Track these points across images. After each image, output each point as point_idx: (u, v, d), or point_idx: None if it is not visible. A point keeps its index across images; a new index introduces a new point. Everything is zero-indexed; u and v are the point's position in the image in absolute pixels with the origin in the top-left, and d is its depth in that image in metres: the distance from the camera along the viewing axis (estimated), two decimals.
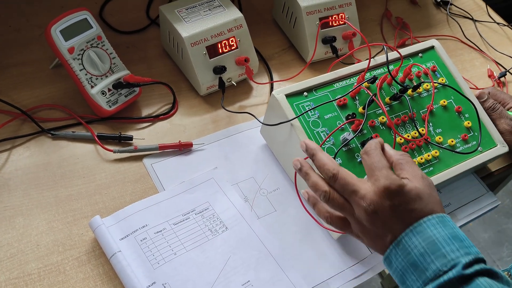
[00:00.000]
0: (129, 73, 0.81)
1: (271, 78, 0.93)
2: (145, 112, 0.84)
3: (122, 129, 0.81)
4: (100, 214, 0.70)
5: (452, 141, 0.75)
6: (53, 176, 0.74)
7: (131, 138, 0.78)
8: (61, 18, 0.76)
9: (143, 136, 0.80)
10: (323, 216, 0.63)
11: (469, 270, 0.51)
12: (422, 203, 0.56)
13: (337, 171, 0.58)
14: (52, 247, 0.67)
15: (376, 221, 0.56)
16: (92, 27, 0.78)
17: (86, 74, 0.78)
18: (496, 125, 0.80)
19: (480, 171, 0.83)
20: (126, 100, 0.81)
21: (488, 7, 1.16)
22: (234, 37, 0.85)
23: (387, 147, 0.62)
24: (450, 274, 0.51)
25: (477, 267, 0.51)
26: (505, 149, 0.77)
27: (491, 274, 0.52)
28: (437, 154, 0.74)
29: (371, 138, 0.70)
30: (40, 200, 0.71)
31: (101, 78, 0.79)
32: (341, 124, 0.71)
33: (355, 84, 0.75)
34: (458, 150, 0.75)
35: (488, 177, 0.84)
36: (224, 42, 0.84)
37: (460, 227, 0.77)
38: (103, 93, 0.78)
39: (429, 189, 0.57)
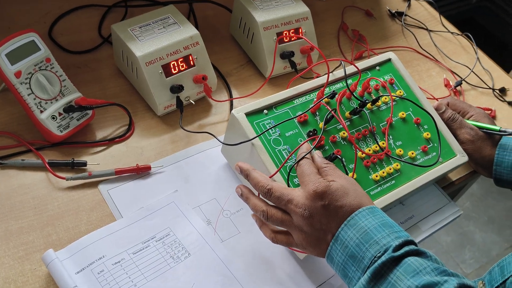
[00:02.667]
0: (81, 96, 0.78)
1: (231, 95, 0.92)
2: (99, 136, 0.81)
3: (75, 154, 0.78)
4: (54, 247, 0.67)
5: (412, 153, 0.76)
6: (2, 208, 0.70)
7: (85, 164, 0.76)
8: (7, 41, 0.73)
9: (98, 161, 0.78)
10: (268, 237, 0.66)
11: (399, 252, 0.55)
12: (349, 197, 0.60)
13: (270, 186, 0.62)
14: (3, 285, 0.63)
15: (314, 224, 0.60)
16: (40, 49, 0.75)
17: (34, 99, 0.74)
18: (456, 135, 0.81)
19: (441, 181, 0.85)
20: (79, 124, 0.79)
21: (442, 17, 1.19)
22: (190, 54, 0.84)
23: (316, 155, 0.66)
24: (383, 258, 0.55)
25: (406, 248, 0.56)
26: (465, 158, 0.79)
27: (419, 253, 0.56)
28: (398, 167, 0.74)
29: (333, 154, 0.70)
30: None
31: (51, 102, 0.76)
32: (303, 141, 0.70)
33: (315, 100, 0.75)
34: (418, 162, 0.76)
35: (449, 187, 0.85)
36: (180, 60, 0.83)
37: (425, 238, 0.78)
38: (53, 117, 0.75)
39: (354, 185, 0.62)
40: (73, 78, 0.80)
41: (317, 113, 0.74)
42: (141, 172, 0.77)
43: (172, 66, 0.82)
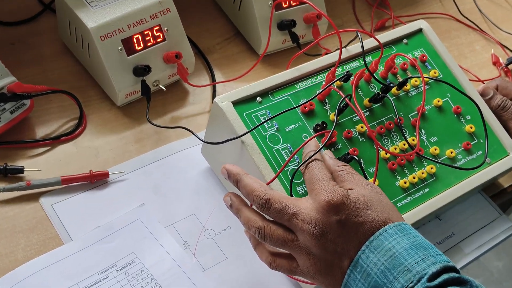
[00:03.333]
0: (16, 80, 0.78)
1: (213, 79, 0.92)
2: (40, 133, 0.81)
3: (9, 158, 0.78)
4: None
5: (451, 152, 0.77)
6: None
7: (21, 170, 0.76)
8: None
9: (39, 166, 0.77)
10: (265, 261, 0.65)
11: (437, 281, 0.55)
12: (373, 211, 0.60)
13: (269, 195, 0.62)
14: None
15: (327, 245, 0.59)
16: None
17: None
18: (508, 128, 0.82)
19: (489, 188, 0.86)
20: (13, 118, 0.78)
21: None
22: (159, 25, 0.84)
23: (326, 155, 0.66)
24: None
25: (445, 276, 0.55)
26: None
27: (462, 282, 0.56)
28: (434, 170, 0.75)
29: (348, 154, 0.70)
30: None
31: None
32: (309, 138, 0.70)
33: (324, 83, 0.75)
34: (459, 164, 0.77)
35: (500, 196, 0.86)
36: (146, 33, 0.83)
37: (469, 263, 0.78)
38: None
39: (379, 196, 0.62)
40: (5, 58, 0.80)
41: (327, 101, 0.75)
42: (96, 180, 0.77)
43: (135, 41, 0.82)
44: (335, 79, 0.74)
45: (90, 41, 0.81)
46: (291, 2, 0.92)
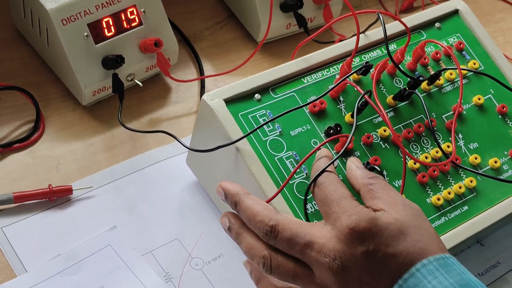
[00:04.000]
0: None
1: (201, 72, 0.93)
2: None
3: None
4: None
5: (495, 162, 0.77)
6: None
7: None
8: None
9: None
10: None
11: None
12: (409, 241, 0.58)
13: (275, 222, 0.61)
14: None
15: (350, 283, 0.58)
16: None
17: None
18: None
19: None
20: None
21: None
22: (135, 6, 0.84)
23: (354, 164, 0.66)
24: None
25: None
26: None
27: None
28: (474, 184, 0.75)
29: (368, 164, 0.70)
30: None
31: None
32: (319, 144, 0.71)
33: (338, 77, 0.76)
34: (505, 176, 0.77)
35: None
36: (118, 15, 0.83)
37: None
38: None
39: (417, 219, 0.61)
40: None
41: (341, 99, 0.75)
42: (57, 197, 0.77)
43: (105, 25, 0.83)
44: (352, 72, 0.74)
45: (49, 26, 0.82)
46: None
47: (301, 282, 0.61)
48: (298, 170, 0.70)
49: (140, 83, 0.87)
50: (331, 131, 0.72)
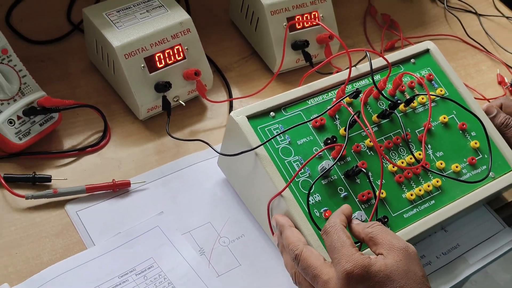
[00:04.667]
0: (45, 95, 0.80)
1: (230, 95, 0.93)
2: (67, 144, 0.83)
3: (37, 167, 0.79)
4: (10, 281, 0.68)
5: (456, 167, 0.77)
6: None
7: (49, 179, 0.77)
8: None
9: (66, 175, 0.79)
10: (289, 270, 0.67)
11: None
12: (395, 286, 0.57)
13: (299, 251, 0.63)
14: None
15: None
16: None
17: None
18: None
19: (494, 202, 0.85)
20: (42, 130, 0.80)
21: None
22: (180, 44, 0.85)
23: (356, 221, 0.65)
24: None
25: None
26: None
27: None
28: (439, 183, 0.75)
29: (356, 167, 0.71)
30: None
31: (8, 103, 0.77)
32: (319, 150, 0.71)
33: (334, 99, 0.76)
34: (464, 177, 0.77)
35: (504, 209, 0.86)
36: (167, 51, 0.84)
37: (474, 273, 0.78)
38: (10, 122, 0.77)
39: (407, 263, 0.58)
40: (36, 74, 0.81)
41: (337, 116, 0.76)
42: (119, 189, 0.78)
43: (157, 59, 0.84)
44: (345, 96, 0.75)
45: (115, 59, 0.83)
46: (305, 23, 0.93)
47: None
48: (302, 170, 0.70)
49: (183, 103, 0.88)
50: (329, 141, 0.73)
